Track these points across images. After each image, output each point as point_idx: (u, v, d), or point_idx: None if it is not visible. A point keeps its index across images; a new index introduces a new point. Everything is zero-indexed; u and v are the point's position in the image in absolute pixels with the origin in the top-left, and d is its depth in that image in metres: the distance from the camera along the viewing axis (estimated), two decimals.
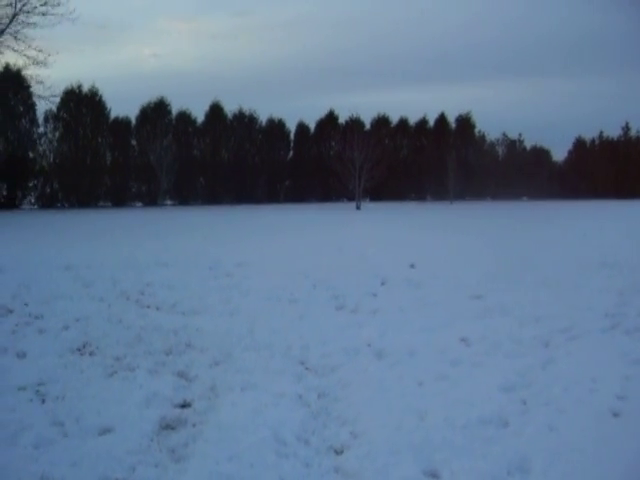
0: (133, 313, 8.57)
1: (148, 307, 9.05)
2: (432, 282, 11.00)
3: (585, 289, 10.38)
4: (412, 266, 12.79)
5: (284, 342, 7.17)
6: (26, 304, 8.86)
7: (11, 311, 8.44)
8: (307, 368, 6.34)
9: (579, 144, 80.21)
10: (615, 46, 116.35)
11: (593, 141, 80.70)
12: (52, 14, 30.14)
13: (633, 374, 5.95)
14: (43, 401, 5.29)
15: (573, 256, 14.81)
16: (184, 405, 5.31)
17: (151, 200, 54.42)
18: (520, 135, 77.42)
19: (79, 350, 6.77)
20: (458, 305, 9.15)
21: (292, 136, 63.80)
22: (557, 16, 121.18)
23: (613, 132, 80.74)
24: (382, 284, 10.87)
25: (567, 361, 6.44)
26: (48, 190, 50.86)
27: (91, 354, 6.65)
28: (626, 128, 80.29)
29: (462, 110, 72.13)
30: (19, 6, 29.87)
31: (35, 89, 34.75)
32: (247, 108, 61.17)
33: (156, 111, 55.71)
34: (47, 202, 49.85)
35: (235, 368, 6.24)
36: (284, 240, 19.42)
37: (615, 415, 5.04)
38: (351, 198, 52.56)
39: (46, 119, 50.16)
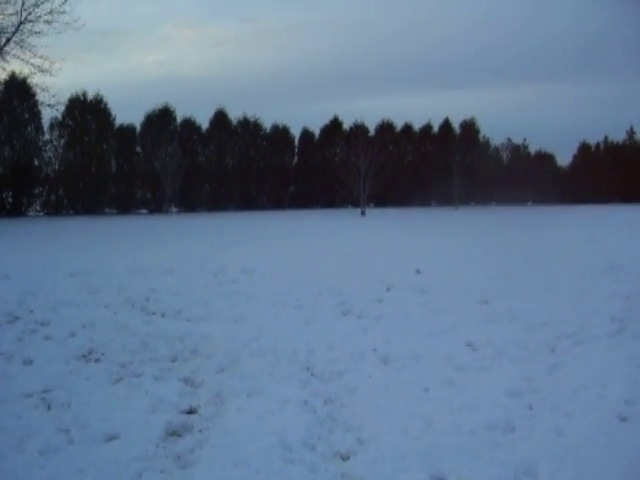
0: (139, 319, 8.58)
1: (154, 314, 9.06)
2: (438, 287, 10.98)
3: (591, 294, 10.35)
4: (418, 272, 12.77)
5: (290, 348, 7.16)
6: (32, 311, 8.87)
7: (17, 318, 8.45)
8: (313, 374, 6.33)
9: (584, 148, 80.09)
10: (620, 50, 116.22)
11: (598, 145, 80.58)
12: (57, 22, 30.22)
13: None
14: (49, 408, 5.29)
15: (579, 261, 14.77)
16: (190, 411, 5.31)
17: (156, 207, 54.52)
18: (525, 140, 77.42)
19: (85, 357, 6.77)
20: (464, 310, 9.13)
21: (296, 142, 63.94)
22: (561, 21, 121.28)
23: (618, 136, 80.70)
24: (388, 290, 10.85)
25: (574, 366, 6.42)
26: (53, 197, 51.04)
27: (97, 361, 6.66)
28: (631, 132, 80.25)
29: (466, 115, 72.25)
30: (24, 15, 29.96)
31: (40, 97, 34.78)
32: (251, 114, 61.40)
33: (161, 118, 55.90)
34: (53, 209, 50.03)
35: (241, 374, 6.24)
36: (289, 246, 19.42)
37: (623, 420, 5.01)
38: (356, 204, 52.57)
39: (51, 126, 50.38)
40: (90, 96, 52.95)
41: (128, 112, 55.97)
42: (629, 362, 6.49)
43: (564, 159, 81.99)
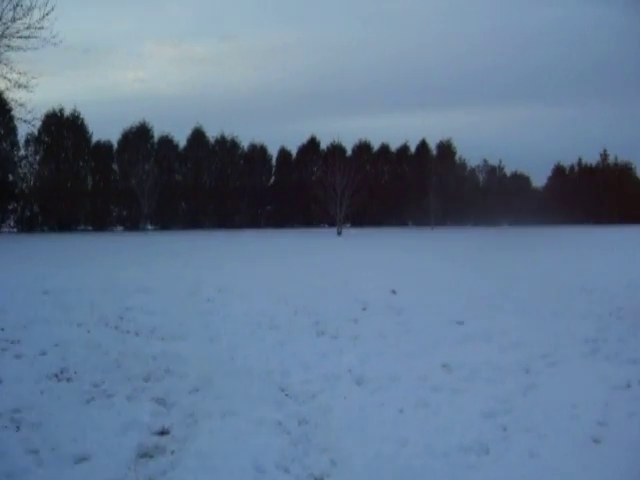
0: (112, 338, 8.48)
1: (127, 332, 8.96)
2: (413, 308, 10.99)
3: (565, 315, 10.42)
4: (393, 292, 12.79)
5: (264, 368, 7.11)
6: (2, 329, 8.74)
7: None
8: (287, 395, 6.29)
9: (558, 170, 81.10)
10: (592, 76, 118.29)
11: (572, 168, 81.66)
12: (35, 37, 30.10)
13: (613, 400, 5.96)
14: (18, 428, 5.19)
15: (553, 282, 14.89)
16: (162, 432, 5.23)
17: (132, 224, 54.28)
18: (500, 161, 78.14)
19: (56, 376, 6.67)
20: (439, 331, 9.14)
21: (274, 161, 64.09)
22: (532, 47, 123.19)
23: (591, 159, 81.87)
24: (363, 310, 10.85)
25: (548, 387, 6.44)
26: (28, 213, 50.63)
27: (68, 380, 6.56)
28: (604, 155, 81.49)
29: (443, 137, 72.89)
30: (1, 30, 29.80)
31: (16, 112, 34.43)
32: (229, 133, 61.59)
33: (138, 135, 55.81)
34: (27, 225, 49.59)
35: (215, 394, 6.18)
36: (265, 265, 19.39)
37: (596, 441, 5.03)
38: (332, 224, 52.70)
39: (27, 142, 50.14)
40: (67, 112, 52.80)
41: (105, 129, 56.06)
42: (602, 383, 6.53)
43: (539, 180, 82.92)
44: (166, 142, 57.89)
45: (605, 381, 6.61)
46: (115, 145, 55.55)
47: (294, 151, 65.24)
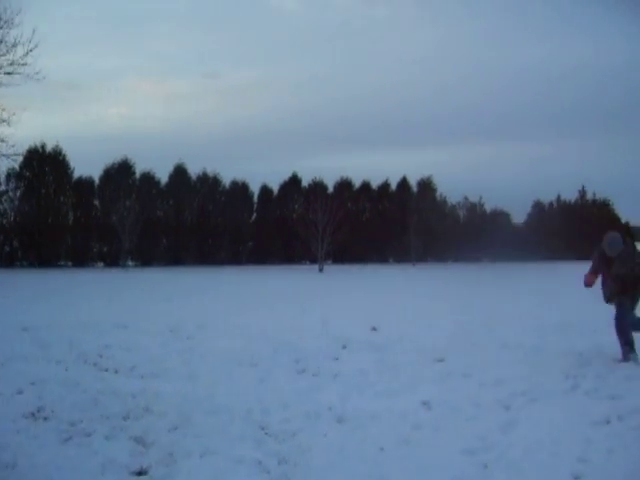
0: (90, 376, 8.40)
1: (106, 370, 8.88)
2: (394, 345, 10.98)
3: (545, 351, 10.45)
4: (374, 329, 12.79)
5: (244, 406, 7.06)
6: None
7: None
8: (267, 433, 6.24)
9: (538, 207, 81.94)
10: (568, 113, 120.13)
11: (551, 204, 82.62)
12: (18, 74, 30.15)
13: (593, 436, 5.96)
14: None
15: (534, 317, 14.95)
16: (141, 472, 5.16)
17: (113, 261, 53.99)
18: (480, 198, 78.73)
19: (33, 415, 6.58)
20: (420, 368, 9.12)
21: (255, 198, 64.23)
22: (511, 84, 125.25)
23: (570, 195, 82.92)
24: (344, 347, 10.82)
25: (528, 424, 6.43)
26: (7, 249, 50.30)
27: (45, 419, 6.47)
28: (582, 192, 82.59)
29: (423, 174, 73.44)
30: None
31: None
32: (211, 170, 61.70)
33: (120, 171, 55.87)
34: (6, 261, 49.18)
35: (194, 433, 6.12)
36: (246, 303, 19.33)
37: (576, 478, 5.03)
38: (314, 260, 52.71)
39: (8, 177, 49.99)
40: (49, 148, 52.82)
41: (87, 164, 55.94)
42: (582, 419, 6.54)
43: (520, 217, 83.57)
44: (148, 178, 57.93)
45: (585, 417, 6.61)
46: (97, 181, 55.58)
47: (276, 188, 65.54)
